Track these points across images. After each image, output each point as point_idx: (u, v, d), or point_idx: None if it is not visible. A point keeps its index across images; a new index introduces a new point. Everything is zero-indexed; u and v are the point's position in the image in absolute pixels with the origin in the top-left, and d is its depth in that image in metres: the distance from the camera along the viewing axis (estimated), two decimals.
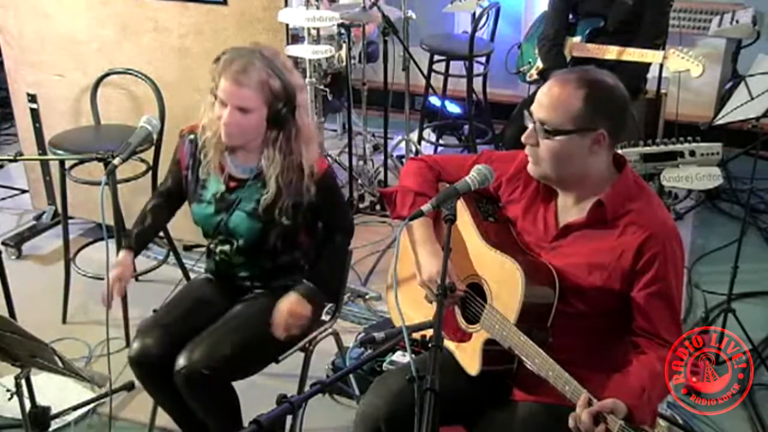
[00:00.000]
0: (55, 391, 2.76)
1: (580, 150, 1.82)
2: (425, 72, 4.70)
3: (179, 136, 2.43)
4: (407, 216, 1.84)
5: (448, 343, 1.97)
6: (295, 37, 3.94)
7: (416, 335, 1.72)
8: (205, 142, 2.33)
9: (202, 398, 2.24)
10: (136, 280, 3.54)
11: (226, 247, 2.39)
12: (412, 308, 2.08)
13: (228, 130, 2.20)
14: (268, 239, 2.34)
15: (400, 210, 2.12)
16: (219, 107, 2.21)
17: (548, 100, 1.83)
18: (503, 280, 1.85)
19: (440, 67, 4.90)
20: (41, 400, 2.36)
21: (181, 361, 2.18)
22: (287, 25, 3.43)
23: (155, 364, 2.25)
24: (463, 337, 1.95)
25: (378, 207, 4.26)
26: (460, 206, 2.01)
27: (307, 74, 3.69)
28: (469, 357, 1.92)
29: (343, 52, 4.19)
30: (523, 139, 1.88)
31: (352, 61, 4.38)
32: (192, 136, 2.38)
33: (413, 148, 4.70)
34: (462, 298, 1.98)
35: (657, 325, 1.82)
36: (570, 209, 1.93)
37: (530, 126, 1.86)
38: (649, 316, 1.83)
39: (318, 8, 3.61)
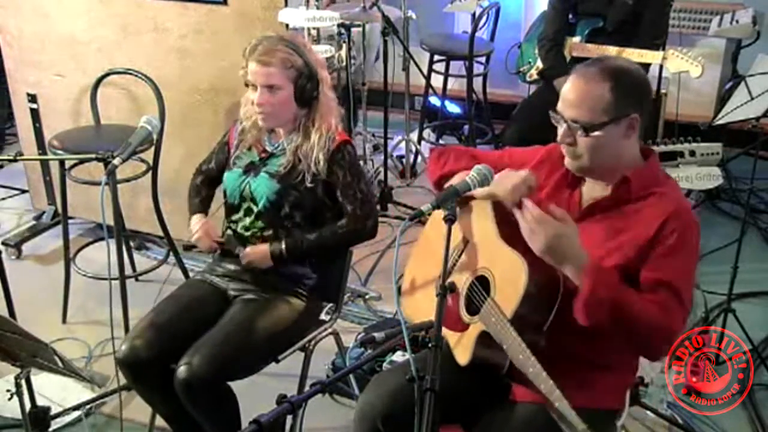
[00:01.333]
0: (55, 391, 2.76)
1: (616, 138, 1.85)
2: (425, 72, 4.71)
3: (234, 121, 2.58)
4: (445, 173, 2.00)
5: (446, 333, 1.97)
6: None
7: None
8: (243, 131, 2.49)
9: (203, 404, 2.24)
10: (136, 280, 3.54)
11: (247, 220, 2.45)
12: (426, 303, 2.07)
13: (261, 110, 2.36)
14: (284, 203, 2.40)
15: (453, 164, 2.10)
16: (251, 92, 2.36)
17: (577, 98, 1.84)
18: (508, 275, 1.85)
19: (440, 67, 4.90)
20: (41, 400, 2.36)
21: (181, 369, 2.18)
22: (287, 25, 3.43)
23: (144, 365, 2.25)
24: (463, 328, 1.95)
25: (378, 207, 4.25)
26: (480, 202, 2.02)
27: None
28: (462, 347, 1.92)
29: (343, 52, 4.19)
30: (559, 140, 1.89)
31: (352, 61, 4.38)
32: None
33: (413, 148, 4.70)
34: (468, 289, 1.98)
35: (667, 276, 1.79)
36: (595, 190, 1.95)
37: (563, 127, 1.87)
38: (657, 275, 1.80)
39: (318, 8, 3.61)
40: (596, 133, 1.83)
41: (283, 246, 2.40)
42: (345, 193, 2.42)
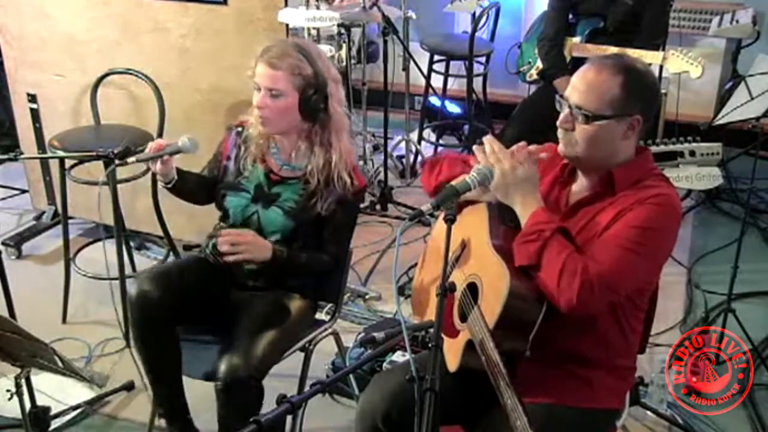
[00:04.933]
0: (55, 391, 2.76)
1: (614, 135, 1.85)
2: (425, 72, 4.71)
3: (226, 129, 2.50)
4: (441, 182, 2.01)
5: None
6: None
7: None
8: (247, 138, 2.42)
9: (241, 402, 2.20)
10: None
11: None
12: (433, 304, 2.07)
13: (261, 113, 2.28)
14: (298, 238, 2.36)
15: (447, 172, 2.11)
16: (256, 94, 2.30)
17: (585, 86, 1.84)
18: (493, 283, 1.84)
19: (440, 67, 4.90)
20: (41, 400, 2.36)
21: (222, 369, 2.16)
22: (287, 25, 3.43)
23: (154, 307, 2.27)
24: (455, 333, 1.95)
25: (378, 207, 4.26)
26: (480, 204, 2.02)
27: None
28: (452, 353, 1.92)
29: (343, 52, 4.19)
30: (558, 123, 1.89)
31: (352, 61, 4.38)
32: (240, 129, 2.46)
33: (413, 148, 4.71)
34: (462, 296, 1.98)
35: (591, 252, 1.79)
36: (582, 188, 1.95)
37: (565, 111, 1.87)
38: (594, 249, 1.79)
39: (318, 8, 3.61)
40: (596, 123, 1.83)
41: (285, 254, 2.32)
42: (335, 237, 2.39)
